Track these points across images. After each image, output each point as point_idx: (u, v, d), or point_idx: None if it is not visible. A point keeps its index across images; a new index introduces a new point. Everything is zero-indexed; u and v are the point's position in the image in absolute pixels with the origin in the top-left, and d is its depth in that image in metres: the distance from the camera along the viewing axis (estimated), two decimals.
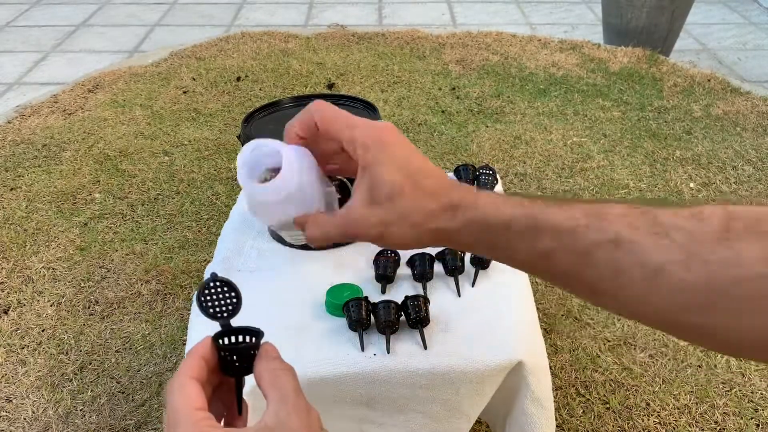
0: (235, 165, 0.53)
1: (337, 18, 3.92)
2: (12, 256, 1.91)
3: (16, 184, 2.24)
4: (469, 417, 0.99)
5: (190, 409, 0.41)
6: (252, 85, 2.93)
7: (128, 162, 2.37)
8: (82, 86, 2.92)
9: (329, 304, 1.00)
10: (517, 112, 2.72)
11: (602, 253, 0.42)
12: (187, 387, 0.42)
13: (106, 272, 1.85)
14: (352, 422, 0.99)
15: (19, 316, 1.70)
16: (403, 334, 0.97)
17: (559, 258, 0.44)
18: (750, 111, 2.73)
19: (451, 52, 3.27)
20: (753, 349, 0.38)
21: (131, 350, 1.61)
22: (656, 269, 0.40)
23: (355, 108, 1.21)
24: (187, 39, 3.50)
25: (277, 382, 0.43)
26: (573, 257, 0.43)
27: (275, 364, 0.44)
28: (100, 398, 1.48)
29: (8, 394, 1.50)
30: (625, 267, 0.41)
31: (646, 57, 3.18)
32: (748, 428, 1.41)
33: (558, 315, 1.70)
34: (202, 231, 2.02)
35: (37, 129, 2.58)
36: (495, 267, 1.10)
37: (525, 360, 0.94)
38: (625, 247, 0.41)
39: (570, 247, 0.43)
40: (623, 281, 0.41)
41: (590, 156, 2.41)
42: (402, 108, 2.73)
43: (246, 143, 0.53)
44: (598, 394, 1.48)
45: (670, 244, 0.40)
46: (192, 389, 0.42)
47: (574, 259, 0.43)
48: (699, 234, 0.39)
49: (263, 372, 0.44)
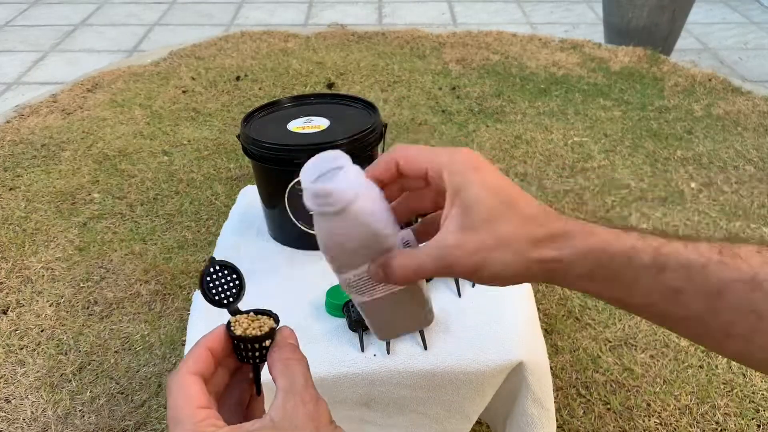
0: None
1: (337, 17, 3.92)
2: (11, 256, 1.90)
3: (15, 184, 2.24)
4: (469, 418, 0.98)
5: (192, 408, 0.40)
6: (251, 85, 2.92)
7: (127, 162, 2.36)
8: (81, 86, 2.92)
9: (329, 305, 1.00)
10: (518, 112, 2.71)
11: (737, 294, 0.39)
12: (188, 384, 0.41)
13: (105, 272, 1.85)
14: (352, 423, 0.98)
15: (18, 317, 1.70)
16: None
17: (688, 297, 0.40)
18: (751, 111, 2.73)
19: (452, 51, 3.27)
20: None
21: (130, 351, 1.60)
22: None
23: (355, 107, 1.20)
24: (186, 38, 3.49)
25: (287, 371, 0.42)
26: (703, 297, 0.39)
27: (287, 353, 0.44)
28: (99, 399, 1.48)
29: (7, 394, 1.49)
30: (764, 310, 0.38)
31: (647, 56, 3.17)
32: (749, 429, 1.41)
33: (559, 315, 1.69)
34: (201, 231, 2.01)
35: (36, 129, 2.57)
36: None
37: (525, 360, 0.94)
38: (764, 288, 0.38)
39: (701, 286, 0.39)
40: (762, 326, 0.38)
41: (591, 156, 2.41)
42: (402, 108, 2.72)
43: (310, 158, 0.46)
44: (598, 395, 1.48)
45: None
46: (193, 387, 0.41)
47: (705, 300, 0.39)
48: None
49: (275, 361, 0.43)
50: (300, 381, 0.42)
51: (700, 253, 0.40)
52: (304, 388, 0.42)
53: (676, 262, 0.40)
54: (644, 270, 0.40)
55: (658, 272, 0.40)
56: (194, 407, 0.40)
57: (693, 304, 0.40)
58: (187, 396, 0.41)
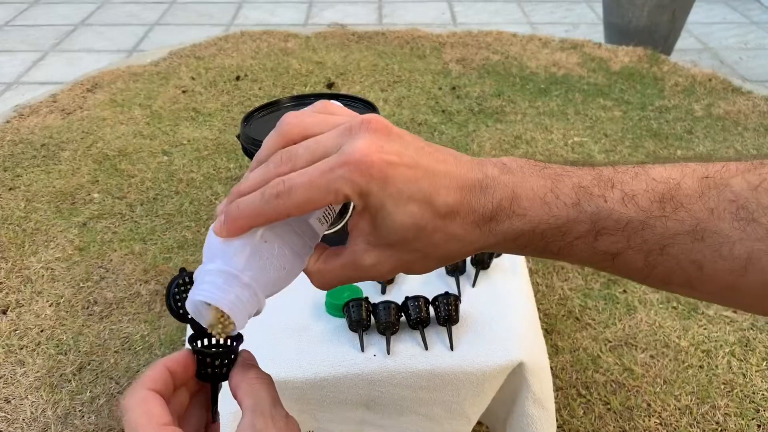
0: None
1: (337, 17, 3.91)
2: (11, 257, 1.90)
3: (15, 183, 2.24)
4: (469, 419, 0.98)
5: (155, 425, 0.37)
6: (251, 85, 2.92)
7: (127, 162, 2.36)
8: (81, 86, 2.92)
9: (329, 305, 1.00)
10: (518, 112, 2.71)
11: (678, 247, 0.37)
12: (148, 401, 0.39)
13: (105, 272, 1.84)
14: (351, 424, 0.98)
15: (18, 317, 1.70)
16: (403, 334, 0.96)
17: (627, 257, 0.39)
18: (751, 110, 2.72)
19: (452, 51, 3.26)
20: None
21: (130, 351, 1.60)
22: (746, 260, 0.36)
23: (355, 107, 1.20)
24: (186, 38, 3.49)
25: (251, 390, 0.41)
26: (643, 255, 0.38)
27: (252, 373, 0.42)
28: (99, 399, 1.48)
29: (7, 394, 1.49)
30: (704, 260, 0.37)
31: (647, 56, 3.17)
32: (750, 429, 1.41)
33: (559, 315, 1.69)
34: (201, 231, 2.01)
35: (36, 129, 2.57)
36: (495, 267, 1.09)
37: (526, 361, 0.94)
38: (706, 239, 0.37)
39: (640, 245, 0.38)
40: (703, 275, 0.38)
41: (591, 156, 2.40)
42: (402, 107, 2.72)
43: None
44: (599, 395, 1.47)
45: (757, 228, 0.36)
46: (154, 404, 0.39)
47: (644, 257, 0.38)
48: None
49: (239, 382, 0.41)
50: (267, 399, 0.40)
51: (639, 208, 0.38)
52: (272, 407, 0.40)
53: (615, 226, 0.38)
54: (579, 240, 0.39)
55: (595, 239, 0.39)
56: (159, 425, 0.38)
57: (632, 263, 0.39)
58: (150, 414, 0.38)
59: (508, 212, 0.39)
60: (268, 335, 0.97)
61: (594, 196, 0.38)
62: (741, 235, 0.36)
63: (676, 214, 0.37)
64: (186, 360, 0.42)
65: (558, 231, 0.39)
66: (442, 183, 0.38)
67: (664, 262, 0.38)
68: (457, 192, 0.38)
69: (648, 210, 0.38)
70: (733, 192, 0.37)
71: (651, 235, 0.38)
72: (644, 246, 0.38)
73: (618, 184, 0.39)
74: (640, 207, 0.38)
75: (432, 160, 0.39)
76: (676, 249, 0.38)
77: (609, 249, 0.39)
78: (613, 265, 0.40)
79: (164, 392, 0.40)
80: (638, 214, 0.38)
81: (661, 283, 0.40)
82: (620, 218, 0.38)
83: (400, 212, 0.38)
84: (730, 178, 0.37)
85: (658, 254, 0.38)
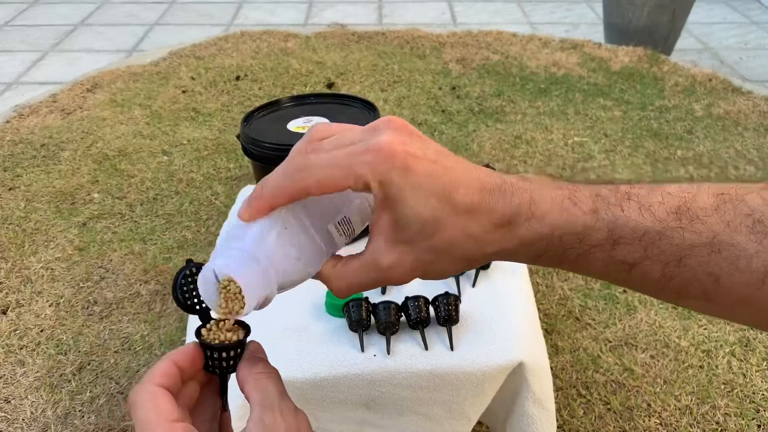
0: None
1: (337, 17, 3.91)
2: (10, 257, 1.90)
3: (15, 183, 2.23)
4: (469, 419, 0.98)
5: (167, 422, 0.37)
6: (251, 85, 2.92)
7: (127, 162, 2.36)
8: (81, 86, 2.91)
9: (329, 305, 1.00)
10: (518, 112, 2.71)
11: (695, 259, 0.38)
12: (158, 397, 0.39)
13: (105, 272, 1.84)
14: (351, 424, 0.98)
15: (18, 317, 1.70)
16: (403, 334, 0.96)
17: (644, 268, 0.39)
18: (751, 110, 2.72)
19: (452, 51, 3.26)
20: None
21: (130, 351, 1.60)
22: (763, 274, 0.36)
23: (355, 107, 1.20)
24: (186, 38, 3.49)
25: (259, 385, 0.41)
26: (660, 266, 0.38)
27: (259, 368, 0.42)
28: (99, 399, 1.48)
29: (7, 394, 1.49)
30: (721, 273, 0.37)
31: (647, 56, 3.17)
32: (750, 429, 1.41)
33: (559, 315, 1.69)
34: (201, 231, 2.01)
35: (36, 129, 2.57)
36: (496, 267, 1.09)
37: (526, 361, 0.93)
38: (722, 252, 0.37)
39: (657, 256, 0.38)
40: (719, 288, 0.38)
41: (591, 156, 2.40)
42: (402, 107, 2.72)
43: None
44: (599, 395, 1.47)
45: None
46: (163, 399, 0.39)
47: (661, 268, 0.38)
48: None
49: (246, 376, 0.41)
50: (275, 394, 0.40)
51: (656, 219, 0.38)
52: (280, 401, 0.40)
53: (632, 235, 0.38)
54: (596, 248, 0.39)
55: (612, 248, 0.39)
56: (169, 421, 0.38)
57: (649, 273, 0.39)
58: (159, 410, 0.38)
59: (527, 215, 0.39)
60: (268, 335, 0.96)
61: (611, 205, 0.39)
62: (758, 248, 0.36)
63: (693, 226, 0.37)
64: (193, 353, 0.42)
65: (576, 237, 0.39)
66: (462, 182, 0.39)
67: (681, 273, 0.38)
68: (477, 192, 0.39)
69: (664, 221, 0.38)
70: (749, 207, 0.37)
71: (668, 245, 0.38)
72: (661, 257, 0.38)
73: (634, 196, 0.39)
74: (656, 217, 0.38)
75: (452, 161, 0.40)
76: (693, 261, 0.38)
77: (626, 258, 0.39)
78: (630, 276, 0.39)
79: (172, 387, 0.40)
80: (655, 224, 0.38)
81: (676, 295, 0.40)
82: (637, 227, 0.38)
83: (420, 204, 0.38)
84: (746, 195, 0.38)
85: (675, 266, 0.38)
